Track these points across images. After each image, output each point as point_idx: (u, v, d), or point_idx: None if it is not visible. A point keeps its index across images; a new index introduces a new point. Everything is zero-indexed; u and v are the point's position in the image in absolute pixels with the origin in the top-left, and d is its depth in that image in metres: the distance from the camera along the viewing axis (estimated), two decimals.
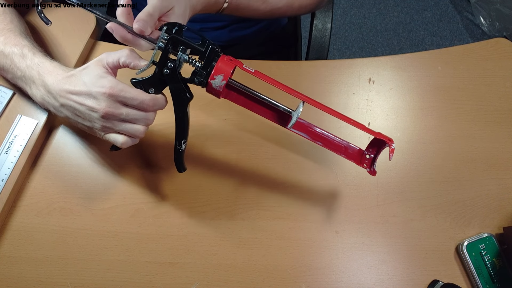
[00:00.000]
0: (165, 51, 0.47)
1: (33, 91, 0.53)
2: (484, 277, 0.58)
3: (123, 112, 0.49)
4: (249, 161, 0.64)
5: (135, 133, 0.51)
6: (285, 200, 0.62)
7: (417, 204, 0.63)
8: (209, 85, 0.48)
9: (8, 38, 0.54)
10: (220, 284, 0.57)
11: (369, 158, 0.53)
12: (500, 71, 0.71)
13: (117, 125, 0.50)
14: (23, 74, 0.53)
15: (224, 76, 0.47)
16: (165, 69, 0.48)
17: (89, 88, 0.48)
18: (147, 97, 0.49)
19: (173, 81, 0.49)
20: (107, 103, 0.48)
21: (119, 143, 0.51)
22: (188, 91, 0.50)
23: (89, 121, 0.50)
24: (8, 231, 0.58)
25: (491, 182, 0.64)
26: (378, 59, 0.72)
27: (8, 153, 0.59)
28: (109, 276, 0.57)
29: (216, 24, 0.79)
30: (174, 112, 0.51)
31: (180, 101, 0.50)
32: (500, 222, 0.62)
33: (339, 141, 0.54)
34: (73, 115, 0.51)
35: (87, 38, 0.66)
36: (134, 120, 0.50)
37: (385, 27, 1.76)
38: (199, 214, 0.60)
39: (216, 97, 0.50)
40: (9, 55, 0.53)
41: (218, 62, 0.47)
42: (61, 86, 0.50)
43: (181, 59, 0.48)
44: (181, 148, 0.53)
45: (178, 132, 0.52)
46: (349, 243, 0.60)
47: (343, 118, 0.49)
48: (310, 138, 0.53)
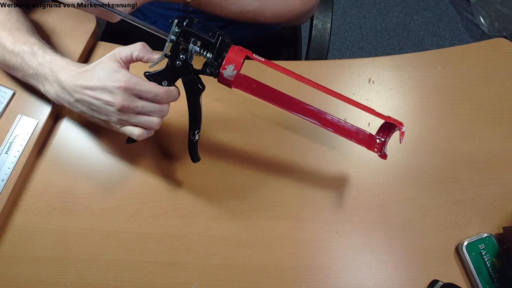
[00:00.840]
0: (177, 44, 0.48)
1: (47, 88, 0.54)
2: (484, 277, 0.58)
3: (139, 105, 0.50)
4: (249, 161, 0.64)
5: (151, 125, 0.52)
6: (285, 200, 0.62)
7: (417, 204, 0.63)
8: (220, 75, 0.49)
9: (17, 37, 0.54)
10: (220, 284, 0.57)
11: (379, 142, 0.53)
12: (500, 71, 0.71)
13: (133, 118, 0.51)
14: (35, 72, 0.53)
15: (235, 66, 0.48)
16: (177, 61, 0.49)
17: (104, 83, 0.48)
18: (161, 90, 0.50)
19: (185, 73, 0.49)
20: (123, 97, 0.48)
21: (136, 135, 0.52)
22: (200, 82, 0.51)
23: (105, 115, 0.51)
24: (9, 231, 0.58)
25: (491, 182, 0.64)
26: (378, 59, 0.72)
27: (8, 153, 0.59)
28: (109, 276, 0.57)
29: (216, 24, 0.79)
30: (188, 103, 0.52)
31: (192, 92, 0.51)
32: (500, 222, 0.62)
33: (349, 126, 0.54)
34: (89, 109, 0.51)
35: (87, 38, 0.66)
36: (149, 112, 0.51)
37: (385, 27, 1.76)
38: (199, 214, 0.60)
39: (228, 87, 0.51)
40: (19, 53, 0.53)
41: (229, 52, 0.48)
42: (76, 82, 0.50)
43: (193, 51, 0.49)
44: (195, 139, 0.54)
45: (192, 123, 0.53)
46: (349, 243, 0.60)
47: (354, 103, 0.49)
48: (321, 124, 0.53)
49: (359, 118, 0.67)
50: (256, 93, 0.52)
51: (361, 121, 0.67)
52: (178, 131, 0.64)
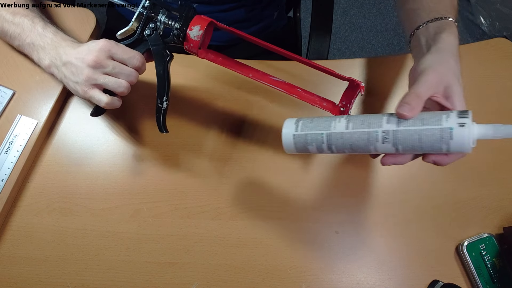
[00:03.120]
0: (146, 16, 0.52)
1: (41, 55, 0.56)
2: (484, 277, 0.58)
3: (110, 64, 0.52)
4: (249, 161, 0.64)
5: (118, 87, 0.53)
6: (285, 200, 0.62)
7: (417, 204, 0.62)
8: (187, 37, 0.51)
9: (17, 9, 0.57)
10: (220, 284, 0.57)
11: (343, 110, 0.54)
12: (500, 71, 0.71)
13: (101, 78, 0.52)
14: (32, 41, 0.56)
15: (201, 27, 0.51)
16: (147, 30, 0.53)
17: (88, 47, 0.53)
18: (139, 53, 0.53)
19: (155, 41, 0.53)
20: (97, 53, 0.51)
21: (103, 102, 0.53)
22: (168, 49, 0.54)
23: (76, 75, 0.52)
24: (8, 231, 0.58)
25: (491, 182, 0.64)
26: (378, 59, 0.72)
27: (8, 153, 0.59)
28: (109, 276, 0.57)
29: None
30: (156, 71, 0.54)
31: (161, 58, 0.54)
32: (500, 222, 0.62)
33: (313, 95, 0.56)
34: (69, 72, 0.53)
35: (87, 38, 0.66)
36: (119, 74, 0.53)
37: (385, 27, 1.76)
38: (199, 214, 0.60)
39: (196, 55, 0.53)
40: (20, 24, 0.57)
41: (194, 18, 0.52)
42: (70, 49, 0.54)
43: (161, 21, 0.52)
44: (163, 106, 0.55)
45: (159, 89, 0.55)
46: (349, 243, 0.60)
47: (313, 65, 0.53)
48: (287, 92, 0.55)
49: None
50: (223, 63, 0.55)
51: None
52: (178, 131, 0.64)
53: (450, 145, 0.38)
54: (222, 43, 0.82)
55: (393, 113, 0.41)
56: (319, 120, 0.45)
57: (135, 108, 0.65)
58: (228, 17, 0.77)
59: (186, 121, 0.65)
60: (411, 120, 0.40)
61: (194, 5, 0.67)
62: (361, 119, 0.42)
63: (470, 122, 0.38)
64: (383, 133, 0.40)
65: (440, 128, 0.38)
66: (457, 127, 0.38)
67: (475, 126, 0.38)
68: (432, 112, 0.40)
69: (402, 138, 0.40)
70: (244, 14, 0.78)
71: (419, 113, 0.40)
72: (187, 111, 0.66)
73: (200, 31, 0.51)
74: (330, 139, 0.43)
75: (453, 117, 0.38)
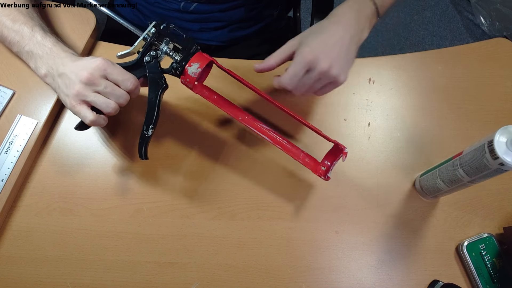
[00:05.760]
0: (149, 42, 0.53)
1: (38, 64, 0.56)
2: (484, 277, 0.58)
3: (103, 83, 0.51)
4: (249, 161, 0.64)
5: (106, 107, 0.52)
6: (285, 200, 0.62)
7: (417, 204, 0.63)
8: (185, 71, 0.52)
9: (17, 16, 0.57)
10: (220, 284, 0.57)
11: (324, 169, 0.56)
12: (500, 71, 0.71)
13: (90, 96, 0.52)
14: (30, 49, 0.56)
15: (200, 65, 0.52)
16: (147, 57, 0.53)
17: (84, 62, 0.52)
18: (134, 77, 0.53)
19: (153, 68, 0.54)
20: (92, 71, 0.51)
21: (88, 119, 0.52)
22: (164, 79, 0.54)
23: (67, 88, 0.52)
24: (8, 231, 0.58)
25: (491, 182, 0.64)
26: (378, 59, 0.72)
27: (8, 153, 0.59)
28: (109, 276, 0.57)
29: (216, 24, 0.79)
30: (148, 98, 0.54)
31: (155, 86, 0.54)
32: (500, 222, 0.62)
33: (297, 149, 0.57)
34: (63, 83, 0.53)
35: (87, 38, 0.66)
36: (109, 94, 0.52)
37: (385, 27, 1.76)
38: (199, 214, 0.60)
39: (190, 90, 0.54)
40: (19, 31, 0.57)
41: (196, 55, 0.53)
42: (68, 61, 0.54)
43: (163, 51, 0.53)
44: (148, 134, 0.55)
45: (148, 116, 0.55)
46: (349, 243, 0.60)
47: (304, 123, 0.54)
48: (272, 141, 0.57)
49: (360, 119, 0.67)
50: (216, 102, 0.56)
51: (361, 121, 0.67)
52: (178, 133, 0.64)
53: None
54: (222, 43, 0.82)
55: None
56: None
57: (136, 108, 0.65)
58: (228, 16, 0.77)
59: (187, 121, 0.65)
60: None
61: (195, 5, 0.67)
62: None
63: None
64: None
65: None
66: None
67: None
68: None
69: None
70: (244, 14, 0.78)
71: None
72: (188, 111, 0.66)
73: (198, 69, 0.52)
74: None
75: None
